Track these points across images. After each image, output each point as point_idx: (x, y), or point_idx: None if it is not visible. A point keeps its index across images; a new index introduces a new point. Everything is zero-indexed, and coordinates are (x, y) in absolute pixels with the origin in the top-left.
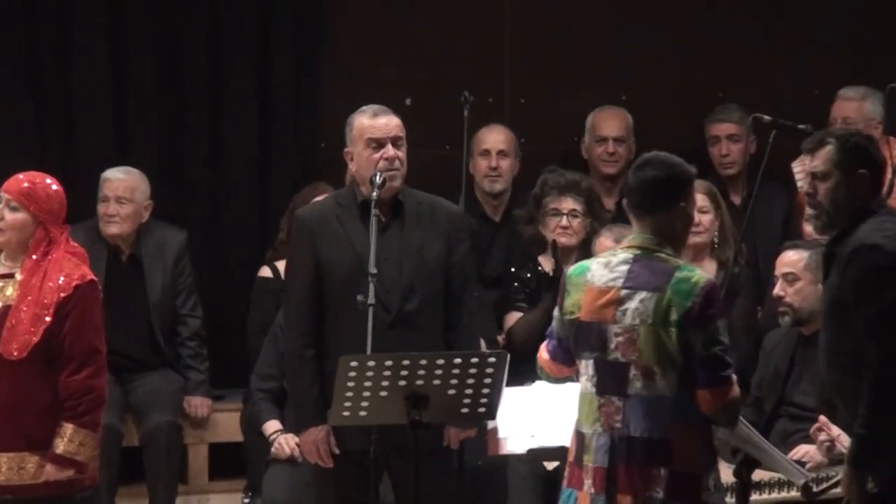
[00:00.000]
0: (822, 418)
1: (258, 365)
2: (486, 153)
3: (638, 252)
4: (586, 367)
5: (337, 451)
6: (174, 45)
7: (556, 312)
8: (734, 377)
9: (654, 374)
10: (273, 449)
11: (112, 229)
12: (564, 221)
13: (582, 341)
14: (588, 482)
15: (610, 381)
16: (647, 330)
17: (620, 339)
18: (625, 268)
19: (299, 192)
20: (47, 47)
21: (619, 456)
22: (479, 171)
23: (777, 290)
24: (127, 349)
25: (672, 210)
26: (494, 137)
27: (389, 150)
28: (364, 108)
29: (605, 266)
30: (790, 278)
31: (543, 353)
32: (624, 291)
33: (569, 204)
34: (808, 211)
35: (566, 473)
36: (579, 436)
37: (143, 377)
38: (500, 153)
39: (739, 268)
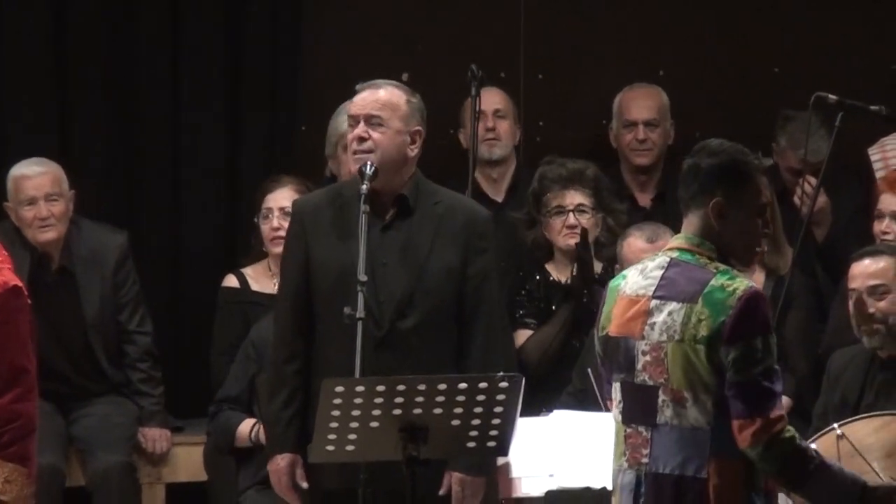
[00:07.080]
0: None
1: (223, 387)
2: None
3: (675, 254)
4: (616, 391)
5: (305, 486)
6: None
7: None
8: (780, 409)
9: (685, 399)
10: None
11: (49, 234)
12: (571, 219)
13: (611, 360)
14: None
15: (636, 407)
16: (674, 348)
17: (647, 357)
18: (659, 273)
19: (258, 187)
20: None
21: (645, 496)
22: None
23: (868, 308)
24: (64, 372)
25: (710, 205)
26: (490, 98)
27: (357, 129)
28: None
29: (641, 272)
30: (880, 291)
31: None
32: (654, 302)
33: (574, 198)
34: None
35: None
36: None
37: (89, 406)
38: (496, 113)
39: (793, 275)
